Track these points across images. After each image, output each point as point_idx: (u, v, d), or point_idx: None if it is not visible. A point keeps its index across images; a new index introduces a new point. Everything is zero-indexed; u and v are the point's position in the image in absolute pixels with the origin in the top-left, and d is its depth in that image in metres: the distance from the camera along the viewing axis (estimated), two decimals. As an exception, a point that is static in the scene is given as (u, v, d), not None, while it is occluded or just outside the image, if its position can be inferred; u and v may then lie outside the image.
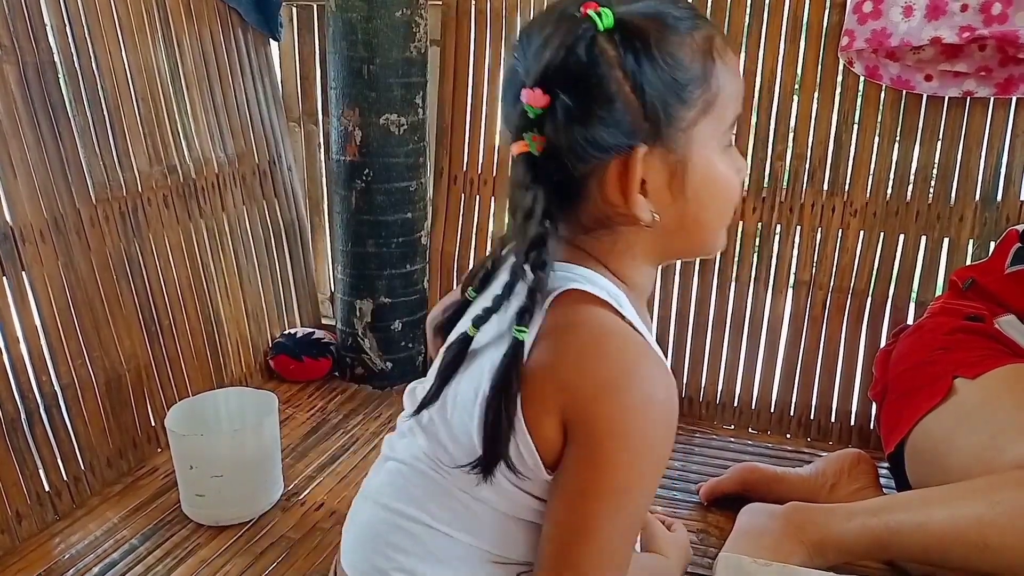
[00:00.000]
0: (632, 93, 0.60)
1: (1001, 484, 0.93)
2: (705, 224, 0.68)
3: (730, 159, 0.67)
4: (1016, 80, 1.30)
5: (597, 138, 0.61)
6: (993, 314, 1.21)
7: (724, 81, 0.63)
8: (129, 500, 1.27)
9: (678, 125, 0.62)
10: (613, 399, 0.61)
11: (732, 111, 0.65)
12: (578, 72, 0.60)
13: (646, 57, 0.60)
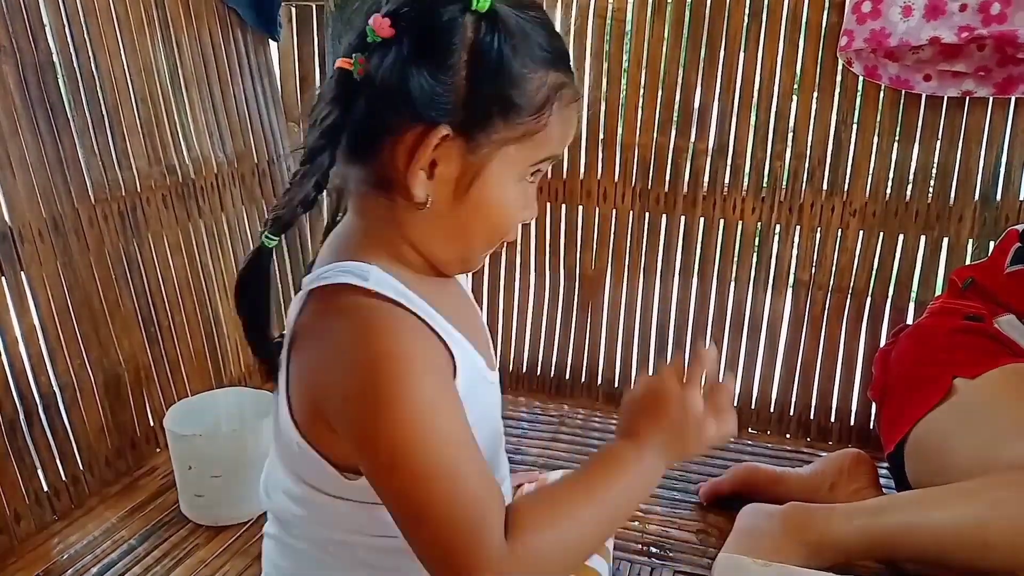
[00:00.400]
0: (465, 78, 0.61)
1: (1000, 484, 0.93)
2: (470, 237, 0.67)
3: (523, 194, 0.67)
4: (1015, 80, 1.30)
5: (413, 94, 0.60)
6: (992, 314, 1.21)
7: (553, 126, 0.64)
8: (128, 500, 1.27)
9: (489, 135, 0.62)
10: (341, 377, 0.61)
11: (546, 153, 0.66)
12: (431, 28, 0.60)
13: (497, 59, 0.61)
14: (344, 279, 0.62)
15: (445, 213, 0.65)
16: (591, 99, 1.57)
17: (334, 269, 0.64)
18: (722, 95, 1.49)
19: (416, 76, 0.60)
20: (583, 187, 1.60)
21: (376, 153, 0.64)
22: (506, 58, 0.61)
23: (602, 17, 1.54)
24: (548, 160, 0.67)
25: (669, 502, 1.28)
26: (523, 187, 0.67)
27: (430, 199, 0.64)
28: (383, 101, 0.61)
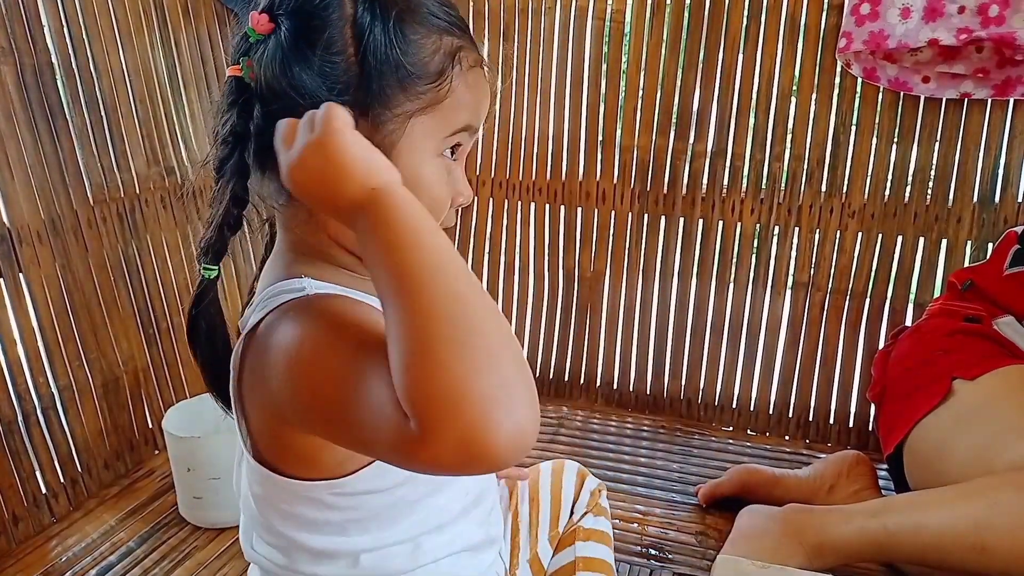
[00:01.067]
0: (353, 54, 0.58)
1: (999, 485, 0.93)
2: None
3: (442, 171, 0.63)
4: (1013, 82, 1.31)
5: (304, 84, 0.58)
6: (992, 315, 1.21)
7: (460, 92, 0.61)
8: (126, 502, 1.26)
9: (392, 109, 0.59)
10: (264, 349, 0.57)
11: (459, 124, 0.62)
12: (309, 11, 0.58)
13: (381, 27, 0.58)
14: (278, 302, 0.59)
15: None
16: (590, 101, 1.57)
17: (266, 296, 0.60)
18: (721, 97, 1.49)
19: (303, 64, 0.58)
20: (582, 188, 1.60)
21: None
22: (392, 26, 0.58)
23: (601, 19, 1.54)
24: (465, 132, 0.63)
25: (668, 504, 1.28)
26: (443, 164, 0.63)
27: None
28: (277, 98, 0.58)
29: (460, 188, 0.65)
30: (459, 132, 0.63)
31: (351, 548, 0.64)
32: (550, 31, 1.58)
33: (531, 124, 1.62)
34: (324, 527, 0.63)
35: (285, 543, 0.66)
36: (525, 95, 1.61)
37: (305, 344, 0.54)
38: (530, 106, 1.61)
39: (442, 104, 0.61)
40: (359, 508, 0.63)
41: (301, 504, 0.62)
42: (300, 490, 0.61)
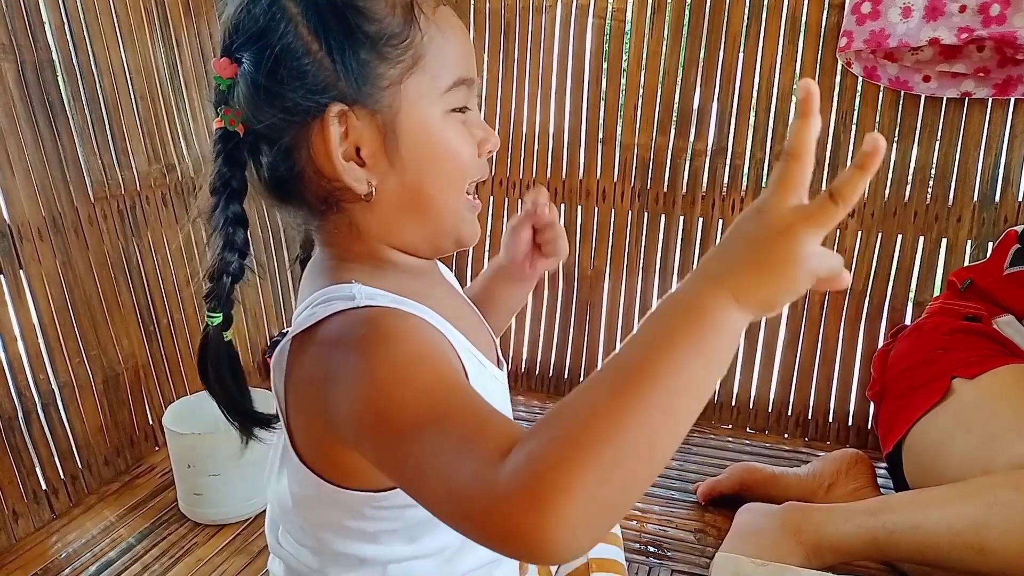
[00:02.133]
0: (319, 50, 0.57)
1: (998, 485, 0.93)
2: (431, 196, 0.62)
3: (457, 125, 0.62)
4: (1014, 81, 1.31)
5: (285, 100, 0.57)
6: (992, 315, 1.21)
7: (434, 38, 0.59)
8: (126, 499, 1.27)
9: (379, 83, 0.58)
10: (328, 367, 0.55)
11: (450, 71, 0.60)
12: (258, 32, 0.57)
13: (331, 10, 0.57)
14: (331, 309, 0.57)
15: (397, 188, 0.61)
16: (591, 99, 1.57)
17: (315, 303, 0.59)
18: (721, 95, 1.49)
19: (279, 86, 0.56)
20: (582, 186, 1.60)
21: (300, 182, 0.60)
22: (338, 5, 0.57)
23: (601, 17, 1.54)
24: (463, 84, 0.61)
25: (667, 501, 1.28)
26: (456, 120, 0.62)
27: (373, 185, 0.60)
28: (269, 127, 0.58)
29: (483, 135, 0.64)
30: (457, 86, 0.61)
31: (381, 557, 0.63)
32: (551, 29, 1.58)
33: (531, 122, 1.62)
34: (358, 535, 0.63)
35: (316, 544, 0.66)
36: (526, 93, 1.61)
37: (377, 371, 0.51)
38: (531, 104, 1.61)
39: (425, 57, 0.59)
40: (395, 520, 0.62)
41: (338, 510, 0.62)
42: (340, 498, 0.60)
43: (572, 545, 0.41)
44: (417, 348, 0.54)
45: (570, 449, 0.41)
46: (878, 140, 0.43)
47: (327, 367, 0.55)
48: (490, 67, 1.63)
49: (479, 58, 1.63)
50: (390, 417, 0.49)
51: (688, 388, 0.44)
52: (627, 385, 0.43)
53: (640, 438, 0.42)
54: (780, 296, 0.45)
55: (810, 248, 0.44)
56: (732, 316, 0.44)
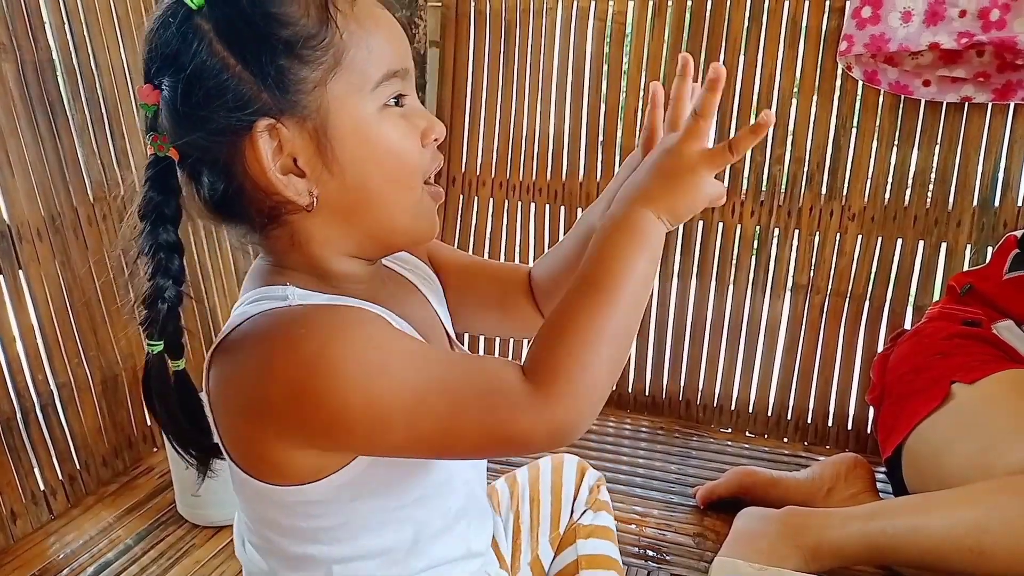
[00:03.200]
0: (236, 64, 0.55)
1: (997, 489, 0.93)
2: (376, 196, 0.60)
3: (395, 119, 0.60)
4: (1014, 86, 1.31)
5: (209, 122, 0.55)
6: (991, 319, 1.21)
7: (355, 33, 0.57)
8: (124, 500, 1.26)
9: (302, 88, 0.56)
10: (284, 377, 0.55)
11: (378, 65, 0.58)
12: (172, 55, 0.55)
13: (243, 21, 0.55)
14: (262, 308, 0.57)
15: (340, 193, 0.59)
16: (591, 102, 1.57)
17: (246, 302, 0.59)
18: (721, 98, 1.48)
19: (201, 107, 0.55)
20: (582, 189, 1.60)
21: (242, 199, 0.59)
22: (249, 13, 0.55)
23: (602, 20, 1.54)
24: (394, 76, 0.59)
25: (666, 505, 1.28)
26: (393, 114, 0.60)
27: (315, 195, 0.58)
28: (204, 152, 0.57)
29: (424, 125, 0.61)
30: (386, 80, 0.59)
31: (324, 557, 0.63)
32: (551, 31, 1.58)
33: (531, 124, 1.62)
34: (296, 533, 0.62)
35: (264, 544, 0.65)
36: (526, 95, 1.61)
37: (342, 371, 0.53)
38: (531, 106, 1.61)
39: (348, 54, 0.57)
40: (327, 517, 0.61)
41: (272, 508, 0.62)
42: (271, 495, 0.60)
43: (595, 413, 0.57)
44: (369, 330, 0.56)
45: (582, 350, 0.55)
46: (769, 114, 0.59)
47: (262, 366, 0.55)
48: (490, 69, 1.63)
49: (479, 61, 1.63)
50: (387, 405, 0.54)
51: (639, 280, 0.59)
52: (600, 294, 0.57)
53: (619, 325, 0.57)
54: (684, 211, 0.62)
55: (707, 179, 0.61)
56: (653, 224, 0.61)
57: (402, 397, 0.54)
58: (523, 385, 0.55)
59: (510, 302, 0.80)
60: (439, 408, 0.55)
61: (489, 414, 0.55)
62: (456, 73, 1.66)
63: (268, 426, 0.56)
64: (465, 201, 1.70)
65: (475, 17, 1.62)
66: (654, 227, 0.61)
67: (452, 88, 1.66)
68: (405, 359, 0.56)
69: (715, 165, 0.61)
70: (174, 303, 0.59)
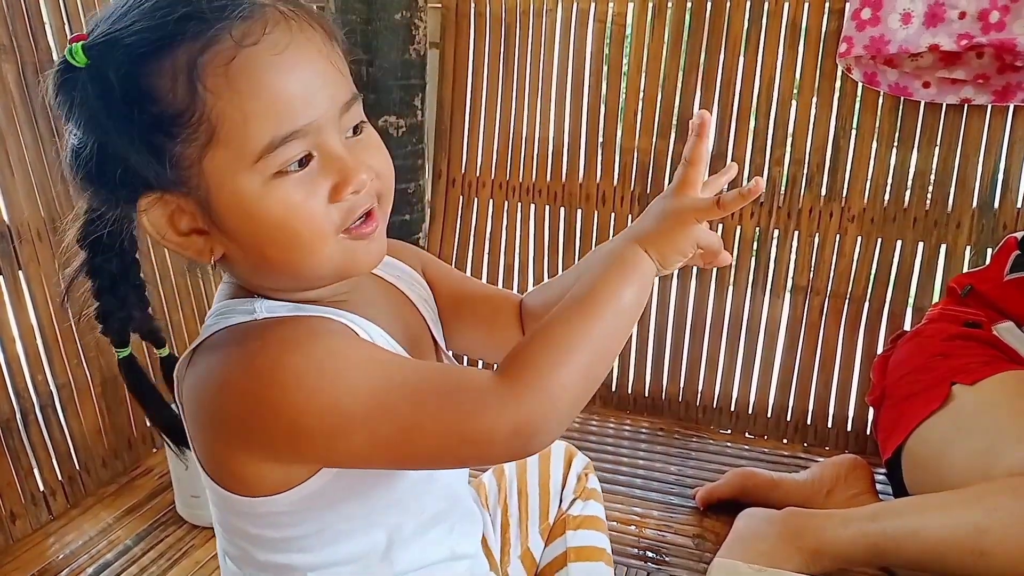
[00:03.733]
0: (113, 130, 0.52)
1: (998, 491, 0.93)
2: (278, 263, 0.57)
3: (286, 190, 0.54)
4: (1013, 88, 1.31)
5: (99, 195, 0.56)
6: (992, 321, 1.21)
7: (231, 101, 0.51)
8: (124, 500, 1.26)
9: (179, 165, 0.53)
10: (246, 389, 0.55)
11: (258, 134, 0.52)
12: (65, 119, 0.54)
13: (119, 92, 0.51)
14: (229, 321, 0.58)
15: (245, 256, 0.58)
16: (591, 103, 1.57)
17: (216, 315, 0.60)
18: (721, 100, 1.49)
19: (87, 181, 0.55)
20: (582, 190, 1.60)
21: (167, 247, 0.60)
22: (121, 82, 0.51)
23: (602, 22, 1.54)
24: (283, 143, 0.53)
25: (666, 506, 1.28)
26: (284, 185, 0.54)
27: (217, 254, 0.58)
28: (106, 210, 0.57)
29: (335, 181, 0.55)
30: (271, 151, 0.53)
31: (299, 565, 0.63)
32: (551, 33, 1.58)
33: (531, 125, 1.62)
34: (267, 543, 0.63)
35: (239, 554, 0.66)
36: (526, 96, 1.61)
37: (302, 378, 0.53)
38: (531, 107, 1.61)
39: (220, 129, 0.52)
40: (295, 526, 0.61)
41: (242, 519, 0.62)
42: (239, 506, 0.60)
43: (564, 419, 0.56)
44: (329, 341, 0.56)
45: (556, 351, 0.56)
46: (759, 181, 0.59)
47: (220, 381, 0.56)
48: (490, 70, 1.63)
49: (479, 63, 1.63)
50: (346, 412, 0.53)
51: (624, 308, 0.60)
52: (582, 308, 0.58)
53: (597, 342, 0.57)
54: (671, 253, 0.63)
55: (695, 228, 0.63)
56: (645, 261, 0.62)
57: (360, 401, 0.53)
58: (490, 381, 0.54)
59: (499, 325, 0.80)
60: (400, 409, 0.54)
61: (451, 410, 0.53)
62: (456, 74, 1.66)
63: (231, 439, 0.57)
64: (465, 202, 1.70)
65: (475, 18, 1.62)
66: (644, 263, 0.62)
67: (452, 89, 1.67)
68: (365, 365, 0.55)
69: (702, 215, 0.63)
70: (134, 314, 0.63)
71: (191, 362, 0.59)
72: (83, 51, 0.52)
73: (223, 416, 0.56)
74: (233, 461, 0.58)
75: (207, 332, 0.59)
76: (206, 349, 0.59)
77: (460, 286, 0.80)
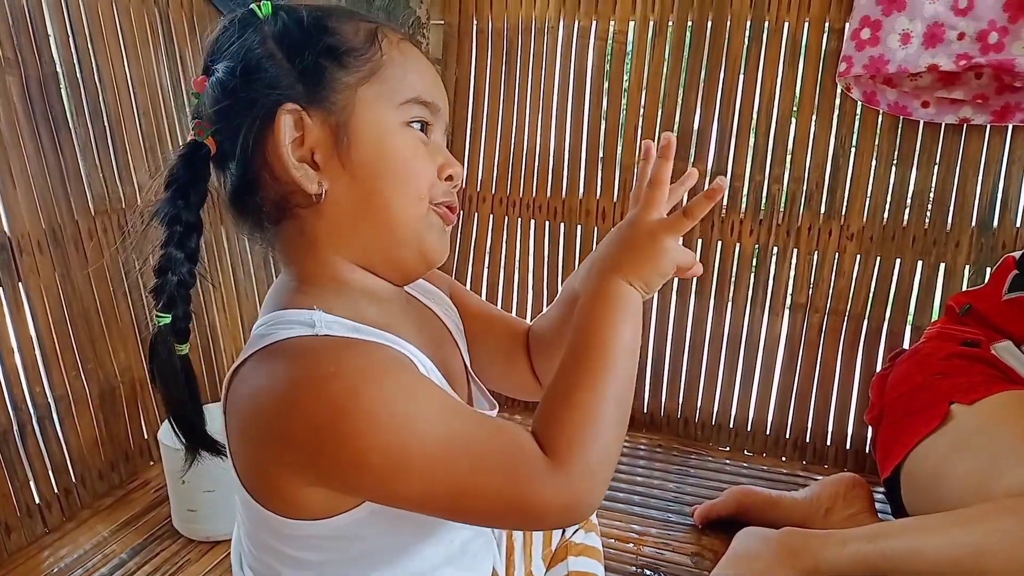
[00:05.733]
0: (281, 56, 0.60)
1: (998, 512, 0.93)
2: (384, 201, 0.62)
3: (412, 138, 0.63)
4: (1012, 108, 1.31)
5: (242, 94, 0.59)
6: (990, 340, 1.21)
7: (394, 58, 0.63)
8: (120, 514, 1.26)
9: (334, 86, 0.60)
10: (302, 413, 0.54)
11: (407, 88, 0.62)
12: (230, 49, 0.61)
13: (299, 28, 0.61)
14: (289, 333, 0.57)
15: (348, 192, 0.61)
16: (591, 119, 1.58)
17: (273, 323, 0.60)
18: (721, 117, 1.50)
19: (240, 82, 0.59)
20: (582, 206, 1.61)
21: (256, 189, 0.62)
22: (310, 21, 0.61)
23: (603, 39, 1.55)
24: (421, 104, 0.63)
25: (664, 524, 1.28)
26: (414, 136, 0.63)
27: (324, 187, 0.60)
28: (230, 132, 0.60)
29: (443, 160, 0.65)
30: (414, 103, 0.63)
31: None
32: (552, 50, 1.59)
33: (532, 141, 1.62)
34: (303, 565, 0.62)
35: (265, 571, 0.65)
36: (527, 112, 1.62)
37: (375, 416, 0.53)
38: (531, 124, 1.62)
39: (383, 70, 0.62)
40: (340, 551, 0.61)
41: (281, 539, 0.61)
42: (282, 528, 0.59)
43: (607, 485, 0.58)
44: (400, 377, 0.56)
45: (591, 423, 0.57)
46: (722, 180, 0.62)
47: (287, 400, 0.54)
48: (492, 86, 1.64)
49: (481, 79, 1.64)
50: (410, 456, 0.53)
51: (627, 347, 0.61)
52: (595, 364, 0.59)
53: (618, 393, 0.59)
54: (654, 277, 0.64)
55: (669, 245, 0.63)
56: (630, 293, 0.62)
57: (427, 449, 0.54)
58: (543, 459, 0.55)
59: (514, 354, 0.81)
60: (461, 465, 0.54)
61: (510, 481, 0.54)
62: (458, 90, 1.67)
63: (284, 459, 0.56)
64: (465, 217, 1.70)
65: (476, 35, 1.63)
66: (630, 295, 0.63)
67: (454, 105, 1.67)
68: (434, 411, 0.55)
69: (674, 231, 0.64)
70: (185, 279, 0.60)
71: (241, 372, 0.59)
72: (271, 6, 0.62)
73: (283, 436, 0.55)
74: (280, 480, 0.57)
75: (261, 342, 0.58)
76: (264, 360, 0.57)
77: (483, 313, 0.82)
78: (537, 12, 1.58)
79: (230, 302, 1.57)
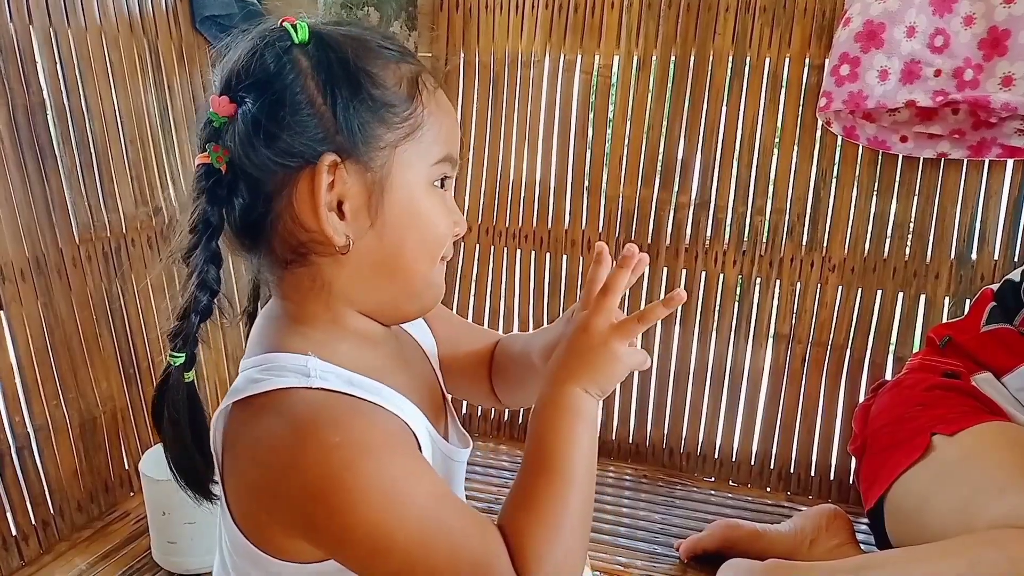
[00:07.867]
0: (323, 102, 0.58)
1: (982, 543, 0.93)
2: (405, 260, 0.63)
3: (438, 198, 0.64)
4: (988, 143, 1.34)
5: (282, 143, 0.57)
6: (970, 372, 1.22)
7: (432, 113, 0.62)
8: (98, 546, 1.24)
9: (375, 143, 0.59)
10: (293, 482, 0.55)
11: (440, 147, 0.63)
12: (265, 79, 0.58)
13: (342, 70, 0.59)
14: (283, 383, 0.57)
15: (372, 247, 0.61)
16: (576, 150, 1.60)
17: (265, 368, 0.59)
18: (704, 150, 1.52)
19: (279, 130, 0.57)
20: (567, 236, 1.62)
21: (273, 229, 0.60)
22: (351, 66, 0.59)
23: (588, 73, 1.57)
24: (447, 161, 0.64)
25: (649, 556, 1.27)
26: (439, 195, 0.64)
27: (351, 240, 0.60)
28: (258, 172, 0.58)
29: (457, 218, 0.66)
30: (444, 161, 0.64)
31: None
32: (539, 82, 1.61)
33: (518, 171, 1.64)
34: None
35: None
36: (513, 143, 1.63)
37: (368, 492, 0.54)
38: (518, 153, 1.63)
39: (422, 129, 0.61)
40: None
41: (265, 574, 0.61)
42: (271, 567, 0.60)
43: None
44: (399, 454, 0.58)
45: (558, 536, 0.58)
46: (679, 292, 0.62)
47: (287, 459, 0.55)
48: (478, 117, 1.66)
49: (468, 111, 1.66)
50: (390, 538, 0.55)
51: (587, 454, 0.62)
52: (557, 475, 0.60)
53: (577, 502, 0.60)
54: (608, 383, 0.64)
55: (621, 350, 0.63)
56: (586, 401, 0.63)
57: (411, 534, 0.55)
58: (512, 572, 0.57)
59: (480, 369, 0.83)
60: (439, 554, 0.55)
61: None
62: (444, 121, 1.68)
63: (275, 515, 0.57)
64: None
65: (463, 67, 1.65)
66: (586, 402, 0.63)
67: (440, 135, 1.68)
68: (423, 496, 0.56)
69: (625, 336, 0.63)
70: (205, 315, 0.60)
71: (238, 416, 0.59)
72: (308, 30, 0.60)
73: (278, 494, 0.56)
74: (270, 529, 0.58)
75: (254, 388, 0.58)
76: (261, 412, 0.57)
77: (458, 336, 0.83)
78: (523, 46, 1.60)
79: (213, 332, 1.56)
